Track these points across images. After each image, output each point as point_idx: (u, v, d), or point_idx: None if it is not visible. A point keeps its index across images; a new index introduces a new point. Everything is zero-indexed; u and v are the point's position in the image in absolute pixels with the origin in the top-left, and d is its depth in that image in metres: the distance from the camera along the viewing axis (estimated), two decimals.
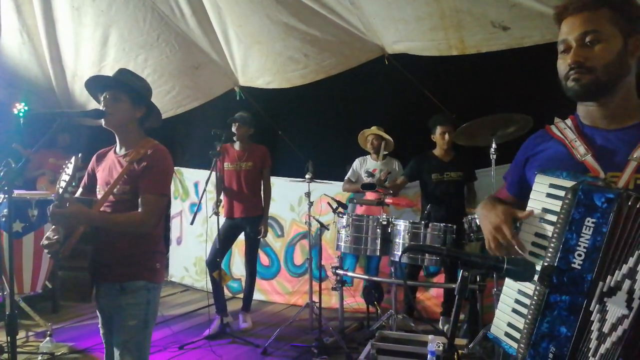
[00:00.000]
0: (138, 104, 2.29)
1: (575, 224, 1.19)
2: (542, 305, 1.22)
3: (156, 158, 2.23)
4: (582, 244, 1.18)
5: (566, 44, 1.33)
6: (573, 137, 1.37)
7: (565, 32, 1.33)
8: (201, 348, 3.97)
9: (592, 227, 1.17)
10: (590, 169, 1.30)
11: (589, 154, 1.31)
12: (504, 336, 1.33)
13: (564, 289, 1.19)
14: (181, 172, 6.19)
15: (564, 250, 1.20)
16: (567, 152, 1.36)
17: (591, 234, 1.17)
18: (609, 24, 1.28)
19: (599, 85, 1.29)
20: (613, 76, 1.29)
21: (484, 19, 4.14)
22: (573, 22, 1.32)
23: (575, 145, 1.35)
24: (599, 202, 1.17)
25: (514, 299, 1.32)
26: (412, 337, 3.13)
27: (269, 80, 5.88)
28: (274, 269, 5.56)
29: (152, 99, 2.40)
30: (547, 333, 1.21)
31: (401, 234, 3.60)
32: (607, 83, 1.29)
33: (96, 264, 2.26)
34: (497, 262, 1.14)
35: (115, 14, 5.24)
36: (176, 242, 6.34)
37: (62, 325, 4.42)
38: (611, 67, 1.28)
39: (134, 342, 2.18)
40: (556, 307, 1.20)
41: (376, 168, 5.15)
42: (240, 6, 5.03)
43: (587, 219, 1.18)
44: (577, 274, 1.18)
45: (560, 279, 1.20)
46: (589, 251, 1.17)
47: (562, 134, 1.40)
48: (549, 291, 1.21)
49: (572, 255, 1.19)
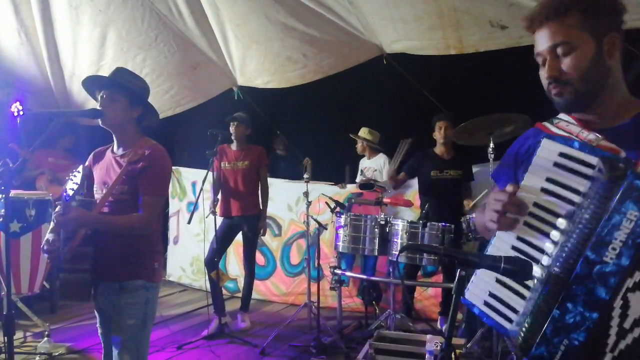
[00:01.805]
0: (135, 104, 2.29)
1: (616, 214, 1.09)
2: (560, 295, 1.13)
3: (154, 158, 2.23)
4: (619, 237, 1.08)
5: (541, 56, 1.29)
6: (578, 130, 1.29)
7: (537, 44, 1.30)
8: (199, 348, 3.96)
9: (634, 220, 1.07)
10: (607, 149, 1.19)
11: (602, 139, 1.22)
12: (482, 305, 1.26)
13: (590, 282, 1.11)
14: (179, 172, 6.19)
15: (597, 241, 1.10)
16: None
17: (632, 229, 1.07)
18: (578, 30, 1.23)
19: (581, 96, 1.26)
20: (592, 83, 1.25)
21: (482, 18, 4.15)
22: (542, 34, 1.28)
23: (582, 136, 1.26)
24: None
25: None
26: (411, 337, 3.13)
27: (268, 80, 5.88)
28: (270, 269, 5.56)
29: (150, 98, 2.39)
30: (562, 325, 1.13)
31: (399, 234, 3.60)
32: (588, 92, 1.26)
33: (95, 264, 2.26)
34: (494, 261, 1.14)
35: (113, 13, 5.23)
36: (173, 242, 6.34)
37: (60, 326, 4.41)
38: (587, 75, 1.24)
39: (132, 342, 2.18)
40: (578, 300, 1.12)
41: (367, 166, 5.26)
42: (239, 6, 5.02)
43: (631, 211, 1.07)
44: (607, 268, 1.09)
45: (587, 272, 1.11)
46: (626, 247, 1.08)
47: (566, 131, 1.32)
48: (571, 281, 1.13)
49: (605, 248, 1.09)
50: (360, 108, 6.61)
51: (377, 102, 6.31)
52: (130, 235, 2.19)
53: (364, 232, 3.73)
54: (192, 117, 6.54)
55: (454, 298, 1.16)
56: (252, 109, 5.96)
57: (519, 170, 1.45)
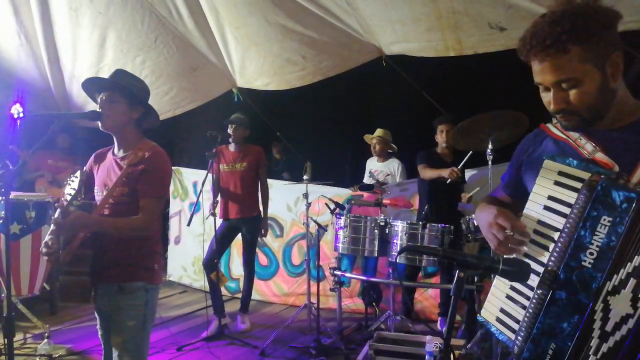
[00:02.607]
0: (135, 105, 2.28)
1: (591, 221, 1.15)
2: (546, 301, 1.18)
3: (154, 161, 2.23)
4: (595, 242, 1.14)
5: (543, 85, 1.27)
6: (577, 136, 1.31)
7: (539, 77, 1.26)
8: (199, 349, 3.96)
9: (608, 225, 1.13)
10: (602, 164, 1.24)
11: (598, 150, 1.25)
12: (495, 321, 1.30)
13: (572, 287, 1.16)
14: (180, 172, 6.20)
15: (575, 247, 1.16)
16: (573, 151, 1.31)
17: (606, 233, 1.13)
18: (580, 63, 1.19)
19: (588, 122, 1.26)
20: (599, 110, 1.25)
21: (481, 19, 4.16)
22: (542, 69, 1.23)
23: (581, 143, 1.29)
24: (618, 200, 1.12)
25: (508, 284, 1.29)
26: (410, 338, 3.13)
27: (267, 82, 5.89)
28: (272, 269, 5.56)
29: (150, 100, 2.39)
30: (549, 329, 1.17)
31: (399, 235, 3.60)
32: (595, 117, 1.26)
33: (95, 265, 2.26)
34: (493, 262, 1.14)
35: (113, 15, 5.24)
36: (174, 242, 6.34)
37: (60, 327, 4.41)
38: (594, 105, 1.23)
39: (132, 343, 2.18)
40: (561, 304, 1.17)
41: (377, 169, 5.23)
42: (238, 8, 5.03)
43: (604, 217, 1.13)
44: (587, 272, 1.14)
45: (569, 276, 1.16)
46: (602, 250, 1.13)
47: (564, 133, 1.35)
48: (555, 286, 1.17)
49: (583, 253, 1.15)
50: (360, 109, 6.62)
51: (376, 103, 6.32)
52: (130, 237, 2.19)
53: (363, 234, 3.73)
54: (192, 119, 6.55)
55: (452, 299, 1.17)
56: (252, 111, 5.97)
57: (523, 171, 1.47)
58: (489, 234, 1.30)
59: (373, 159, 5.37)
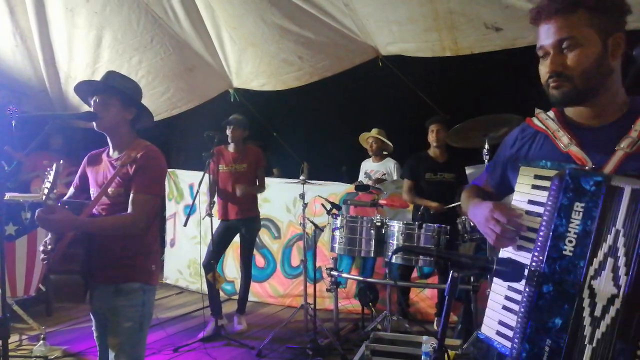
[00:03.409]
0: (128, 106, 2.29)
1: (564, 209, 1.17)
2: (534, 297, 1.19)
3: (147, 159, 2.23)
4: (572, 229, 1.16)
5: (544, 50, 1.29)
6: (555, 128, 1.34)
7: (542, 37, 1.29)
8: (196, 350, 3.96)
9: (581, 211, 1.15)
10: (575, 158, 1.26)
11: (573, 144, 1.28)
12: (495, 335, 1.30)
13: (557, 277, 1.16)
14: (176, 174, 6.18)
15: (554, 238, 1.18)
16: (551, 144, 1.33)
17: (581, 219, 1.15)
18: (586, 27, 1.24)
19: (579, 93, 1.26)
20: (592, 82, 1.25)
21: (477, 20, 4.16)
22: (548, 28, 1.27)
23: (558, 135, 1.32)
24: (587, 185, 1.15)
25: (503, 295, 1.29)
26: (407, 338, 3.14)
27: (263, 82, 5.89)
28: (269, 271, 5.55)
29: (146, 101, 2.40)
30: (542, 326, 1.18)
31: (395, 235, 3.60)
32: (587, 90, 1.26)
33: (90, 266, 2.25)
34: (487, 262, 1.14)
35: (109, 15, 5.23)
36: (170, 245, 6.32)
37: (56, 329, 4.40)
38: (589, 73, 1.24)
39: (128, 344, 2.18)
40: (548, 297, 1.17)
41: (373, 169, 5.24)
42: (234, 8, 5.03)
43: (576, 203, 1.15)
44: (569, 260, 1.15)
45: (552, 268, 1.17)
46: (580, 236, 1.15)
47: (544, 124, 1.37)
48: (541, 281, 1.18)
49: (562, 242, 1.16)
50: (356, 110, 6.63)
51: (372, 103, 6.34)
52: (121, 235, 2.17)
53: (360, 234, 3.73)
54: (189, 120, 6.55)
55: (446, 299, 1.17)
56: (248, 111, 5.97)
57: (508, 165, 1.48)
58: (487, 229, 1.31)
59: (368, 160, 5.38)
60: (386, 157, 5.29)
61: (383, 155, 5.30)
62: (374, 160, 5.32)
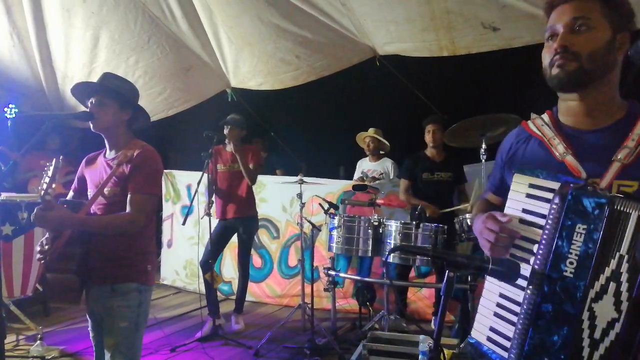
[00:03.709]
0: (125, 107, 2.31)
1: (566, 230, 1.15)
2: (533, 315, 1.18)
3: (144, 158, 2.23)
4: (574, 251, 1.14)
5: (553, 30, 1.30)
6: (551, 135, 1.33)
7: (554, 19, 1.30)
8: (193, 350, 3.95)
9: (583, 233, 1.13)
10: (571, 169, 1.26)
11: (569, 153, 1.28)
12: (486, 340, 1.29)
13: (557, 298, 1.15)
14: (173, 175, 6.16)
15: (554, 258, 1.16)
16: (547, 151, 1.33)
17: (583, 241, 1.13)
18: (600, 15, 1.26)
19: (583, 74, 1.25)
20: (598, 66, 1.25)
21: (475, 20, 4.17)
22: (564, 9, 1.29)
23: (554, 143, 1.31)
24: (590, 207, 1.13)
25: (495, 302, 1.28)
26: (404, 338, 3.14)
27: (261, 82, 5.88)
28: (266, 271, 5.55)
29: (143, 101, 2.41)
30: (540, 344, 1.17)
31: (392, 235, 3.60)
32: (591, 72, 1.25)
33: (87, 266, 2.24)
34: (482, 262, 1.14)
35: (105, 15, 5.21)
36: (167, 245, 6.31)
37: (53, 329, 4.39)
38: (597, 55, 1.24)
39: (125, 345, 2.18)
40: (548, 317, 1.16)
41: (370, 169, 5.25)
42: (232, 7, 5.03)
43: (578, 225, 1.14)
44: (569, 282, 1.14)
45: (552, 288, 1.16)
46: (581, 259, 1.13)
47: (540, 131, 1.37)
48: (539, 301, 1.17)
49: (563, 263, 1.15)
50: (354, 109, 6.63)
51: (370, 103, 6.34)
52: (119, 234, 2.17)
53: (357, 233, 3.73)
54: (186, 120, 6.54)
55: (442, 299, 1.17)
56: (246, 111, 5.96)
57: (505, 169, 1.48)
58: (482, 240, 1.31)
59: (365, 159, 5.39)
60: (383, 156, 5.30)
61: (380, 154, 5.30)
62: (371, 159, 5.33)
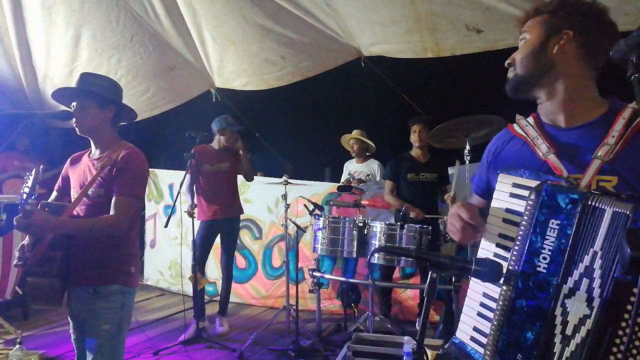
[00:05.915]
0: (106, 105, 2.28)
1: (540, 225, 1.16)
2: (507, 311, 1.18)
3: (129, 161, 2.20)
4: (547, 246, 1.15)
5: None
6: (535, 135, 1.36)
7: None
8: (176, 353, 3.91)
9: (556, 229, 1.14)
10: (553, 167, 1.28)
11: (552, 152, 1.30)
12: (469, 340, 1.30)
13: (530, 293, 1.16)
14: (156, 174, 6.10)
15: (529, 253, 1.17)
16: (530, 151, 1.35)
17: (556, 237, 1.14)
18: (539, 26, 1.36)
19: (517, 80, 1.37)
20: (529, 70, 1.35)
21: (459, 22, 4.20)
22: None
23: (537, 143, 1.34)
24: (563, 203, 1.14)
25: (479, 302, 1.29)
26: (389, 339, 3.14)
27: (245, 82, 5.85)
28: (250, 272, 5.52)
29: (126, 100, 2.37)
30: (514, 340, 1.17)
31: (377, 236, 3.60)
32: (525, 77, 1.36)
33: (69, 268, 2.20)
34: (465, 263, 1.14)
35: (87, 13, 5.14)
36: (150, 245, 6.25)
37: (33, 333, 4.31)
38: (525, 60, 1.35)
39: (107, 347, 2.14)
40: (522, 313, 1.17)
41: (357, 170, 5.26)
42: (216, 7, 4.99)
43: (552, 220, 1.15)
44: (542, 278, 1.15)
45: (526, 284, 1.17)
46: (554, 254, 1.14)
47: (524, 131, 1.40)
48: (514, 296, 1.18)
49: (537, 258, 1.16)
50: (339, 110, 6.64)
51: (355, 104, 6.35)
52: (102, 237, 2.14)
53: (342, 235, 3.72)
54: (169, 119, 6.47)
55: (425, 300, 1.17)
56: (230, 111, 5.92)
57: (490, 171, 1.49)
58: (450, 226, 1.38)
59: (352, 161, 5.39)
60: (370, 158, 5.30)
61: (367, 156, 5.31)
62: (357, 161, 5.33)
